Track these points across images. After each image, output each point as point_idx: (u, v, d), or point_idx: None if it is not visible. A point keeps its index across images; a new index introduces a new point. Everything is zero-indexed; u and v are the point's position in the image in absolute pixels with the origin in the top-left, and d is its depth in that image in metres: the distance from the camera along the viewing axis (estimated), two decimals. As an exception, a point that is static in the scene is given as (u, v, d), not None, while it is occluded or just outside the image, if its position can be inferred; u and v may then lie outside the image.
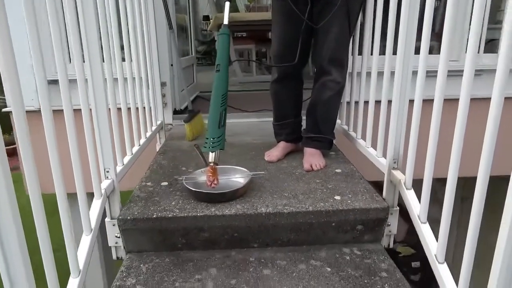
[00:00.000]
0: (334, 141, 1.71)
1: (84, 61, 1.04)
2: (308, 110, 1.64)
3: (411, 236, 3.92)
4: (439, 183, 1.01)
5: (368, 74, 1.55)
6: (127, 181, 1.38)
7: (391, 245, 1.28)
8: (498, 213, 0.68)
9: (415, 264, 3.75)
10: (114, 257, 1.25)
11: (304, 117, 1.71)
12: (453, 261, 0.90)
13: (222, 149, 1.29)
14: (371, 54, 1.51)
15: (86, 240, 0.99)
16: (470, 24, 0.80)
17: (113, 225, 1.19)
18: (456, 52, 2.14)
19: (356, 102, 1.69)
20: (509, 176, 0.64)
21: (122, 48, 1.42)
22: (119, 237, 1.20)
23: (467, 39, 2.12)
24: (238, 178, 1.38)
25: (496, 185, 1.13)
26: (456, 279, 0.86)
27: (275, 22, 1.56)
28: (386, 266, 1.12)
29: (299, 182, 1.41)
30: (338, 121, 1.86)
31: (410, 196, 1.12)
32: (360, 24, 1.64)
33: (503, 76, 0.68)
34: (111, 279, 2.59)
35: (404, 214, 1.27)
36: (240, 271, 1.10)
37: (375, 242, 1.25)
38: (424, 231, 1.00)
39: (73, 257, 0.89)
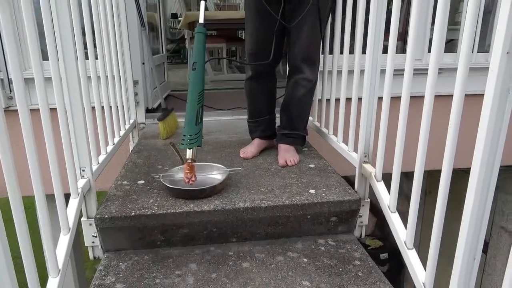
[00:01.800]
0: (307, 137, 1.76)
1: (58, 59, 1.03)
2: (282, 108, 1.69)
3: (378, 230, 4.08)
4: (403, 177, 1.08)
5: (339, 72, 1.61)
6: (99, 182, 1.36)
7: (363, 235, 1.34)
8: (458, 204, 0.74)
9: (383, 256, 3.91)
10: (91, 256, 1.24)
11: (278, 115, 1.75)
12: (418, 250, 0.96)
13: (199, 145, 1.30)
14: (341, 53, 1.58)
15: (64, 240, 0.98)
16: (432, 24, 0.86)
17: (90, 224, 1.18)
18: (419, 51, 2.25)
19: (328, 100, 1.75)
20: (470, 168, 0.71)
21: (93, 46, 1.40)
22: (96, 237, 1.19)
23: (429, 39, 2.24)
24: (215, 174, 1.40)
25: (457, 177, 1.21)
26: (423, 264, 0.92)
27: (248, 20, 1.59)
28: (359, 255, 1.18)
29: (274, 177, 1.44)
30: (310, 118, 1.92)
31: (380, 187, 1.19)
32: (331, 24, 1.70)
33: (463, 75, 0.74)
34: (82, 279, 2.54)
35: (372, 208, 1.34)
36: (220, 265, 1.13)
37: (348, 232, 1.31)
38: (394, 219, 1.06)
39: (52, 257, 0.88)
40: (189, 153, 1.29)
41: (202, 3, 1.38)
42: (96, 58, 1.44)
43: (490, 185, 0.70)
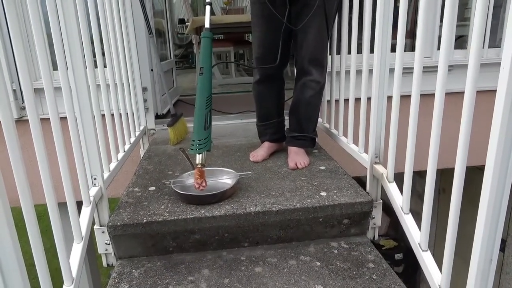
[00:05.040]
0: (316, 139, 1.75)
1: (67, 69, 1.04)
2: (291, 110, 1.68)
3: (393, 230, 4.03)
4: (416, 176, 1.06)
5: (347, 72, 1.60)
6: (110, 189, 1.37)
7: (376, 237, 1.32)
8: (475, 203, 0.72)
9: (398, 256, 3.86)
10: (105, 264, 1.25)
11: (286, 117, 1.74)
12: (434, 250, 0.94)
13: (208, 150, 1.30)
14: (349, 53, 1.56)
15: (77, 248, 0.99)
16: (441, 21, 0.85)
17: (103, 232, 1.19)
18: (429, 49, 2.22)
19: (337, 101, 1.74)
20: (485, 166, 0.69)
21: (102, 54, 1.42)
22: (109, 244, 1.20)
23: (439, 36, 2.22)
24: (225, 179, 1.40)
25: (473, 175, 1.19)
26: (440, 266, 0.90)
27: (255, 24, 1.59)
28: (373, 257, 1.16)
29: (285, 180, 1.44)
30: (319, 119, 1.91)
31: (392, 188, 1.17)
32: (337, 24, 1.68)
33: (474, 71, 0.73)
34: (97, 285, 2.56)
35: (386, 208, 1.32)
36: (232, 270, 1.12)
37: (361, 235, 1.29)
38: (408, 221, 1.05)
39: (66, 266, 0.89)
40: (198, 158, 1.29)
41: (208, 8, 1.38)
42: (105, 66, 1.45)
43: (506, 182, 0.68)
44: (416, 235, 1.00)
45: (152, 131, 2.21)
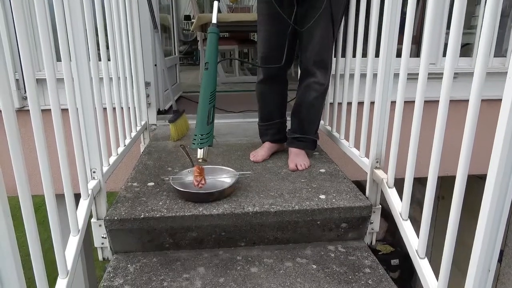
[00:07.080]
0: (318, 142, 1.75)
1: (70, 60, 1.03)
2: (293, 111, 1.67)
3: (390, 235, 4.03)
4: (416, 182, 1.05)
5: (351, 76, 1.59)
6: (109, 182, 1.36)
7: (374, 242, 1.32)
8: (473, 212, 0.72)
9: (394, 261, 3.85)
10: (100, 258, 1.24)
11: (288, 118, 1.74)
12: (430, 257, 0.94)
13: (210, 145, 1.29)
14: (354, 56, 1.56)
15: (73, 241, 0.99)
16: (447, 28, 0.84)
17: (99, 225, 1.18)
18: (434, 55, 2.21)
19: (340, 104, 1.73)
20: (486, 175, 0.68)
21: (106, 47, 1.41)
22: (105, 238, 1.20)
23: (444, 43, 2.21)
24: (224, 178, 1.40)
25: (472, 183, 1.18)
26: (435, 274, 0.90)
27: (261, 24, 1.59)
28: (370, 263, 1.15)
29: (284, 181, 1.43)
30: (321, 122, 1.90)
31: (392, 194, 1.17)
32: (343, 27, 1.68)
33: (479, 79, 0.72)
34: (92, 278, 2.55)
35: (383, 213, 1.32)
36: (228, 269, 1.12)
37: (359, 239, 1.28)
38: (406, 227, 1.04)
39: (61, 258, 0.88)
40: (200, 152, 1.28)
41: (215, 4, 1.38)
42: (109, 60, 1.45)
43: (508, 192, 0.67)
44: (414, 242, 0.99)
45: (153, 126, 2.21)
